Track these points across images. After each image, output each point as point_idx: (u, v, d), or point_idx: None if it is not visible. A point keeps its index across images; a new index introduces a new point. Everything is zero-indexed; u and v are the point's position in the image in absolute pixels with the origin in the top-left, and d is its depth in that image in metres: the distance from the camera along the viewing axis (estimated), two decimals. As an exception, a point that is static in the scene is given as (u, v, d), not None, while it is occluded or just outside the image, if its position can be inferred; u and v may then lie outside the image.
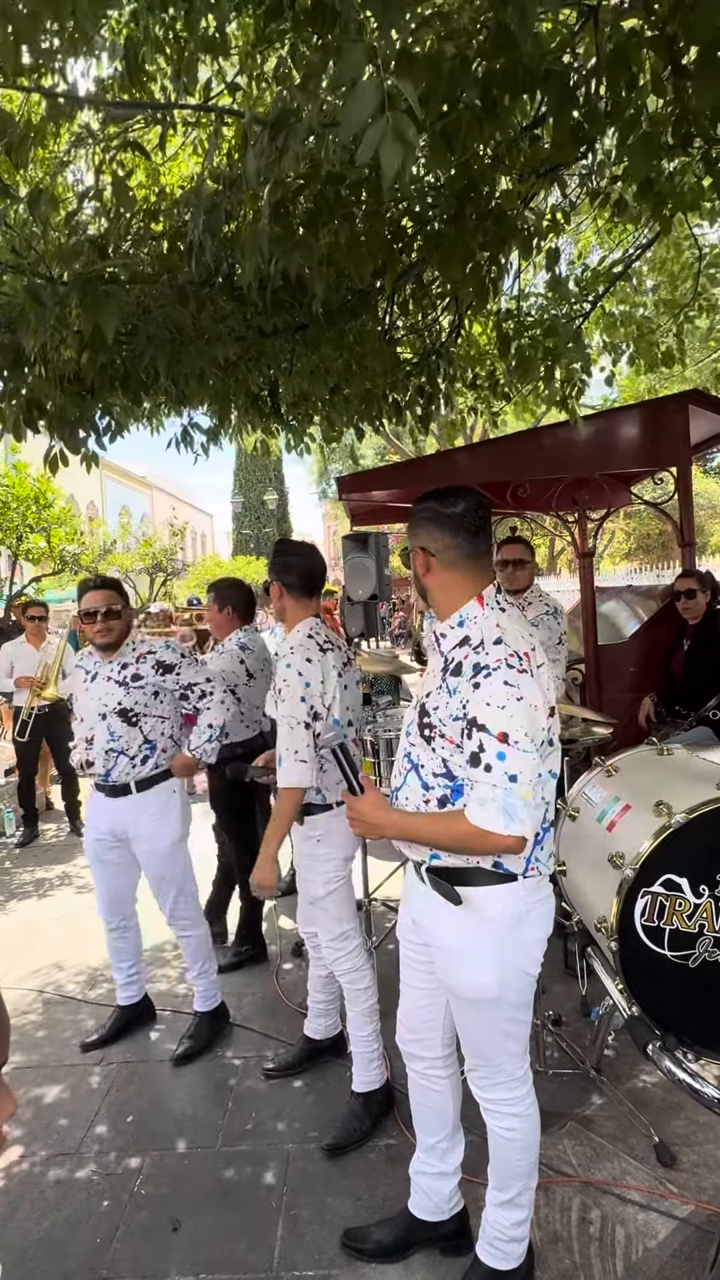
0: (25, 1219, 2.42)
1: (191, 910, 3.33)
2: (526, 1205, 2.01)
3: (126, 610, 3.24)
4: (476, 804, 1.69)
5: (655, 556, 22.66)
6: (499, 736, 1.67)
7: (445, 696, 1.79)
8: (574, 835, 2.83)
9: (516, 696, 1.69)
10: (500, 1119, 1.98)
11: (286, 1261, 2.21)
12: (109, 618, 3.13)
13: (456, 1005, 1.96)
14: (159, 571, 17.32)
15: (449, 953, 1.90)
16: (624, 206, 2.42)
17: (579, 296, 3.63)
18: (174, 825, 3.24)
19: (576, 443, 4.90)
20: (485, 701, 1.69)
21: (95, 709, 3.18)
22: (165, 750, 3.26)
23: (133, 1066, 3.20)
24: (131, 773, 3.17)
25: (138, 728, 3.17)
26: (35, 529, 7.92)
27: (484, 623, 1.82)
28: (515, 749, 1.67)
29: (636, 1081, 2.88)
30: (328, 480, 27.91)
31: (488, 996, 1.85)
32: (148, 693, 3.20)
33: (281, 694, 2.58)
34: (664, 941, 2.30)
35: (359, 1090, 2.75)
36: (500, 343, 3.14)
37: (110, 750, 3.15)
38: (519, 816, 1.66)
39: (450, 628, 1.87)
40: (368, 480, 6.22)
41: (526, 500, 5.57)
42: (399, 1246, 2.19)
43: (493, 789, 1.67)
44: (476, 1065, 1.98)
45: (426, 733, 1.84)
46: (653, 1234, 2.23)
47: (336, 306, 2.83)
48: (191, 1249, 2.27)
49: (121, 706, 3.16)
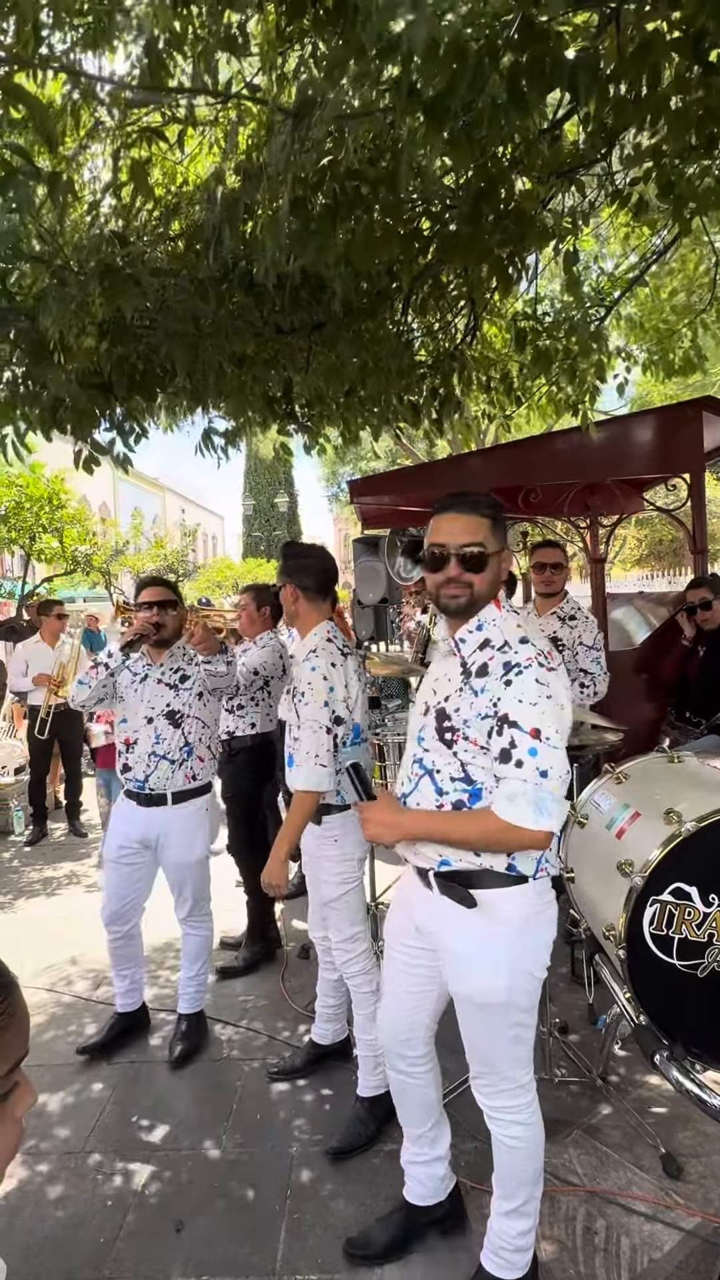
0: (29, 1218, 2.42)
1: (204, 913, 3.36)
2: (532, 1214, 2.00)
3: (180, 609, 3.26)
4: (506, 799, 1.71)
5: (666, 563, 22.55)
6: (531, 732, 1.70)
7: (470, 698, 1.81)
8: (582, 842, 2.82)
9: (547, 694, 1.73)
10: (505, 1126, 1.97)
11: (289, 1265, 2.20)
12: (165, 609, 3.17)
13: (464, 1011, 1.95)
14: (170, 572, 17.39)
15: (459, 957, 1.90)
16: (644, 207, 2.41)
17: (594, 300, 3.62)
18: (204, 839, 3.29)
19: (589, 448, 4.88)
20: (517, 699, 1.72)
21: (143, 712, 3.18)
22: (202, 759, 3.27)
23: (137, 1067, 3.20)
24: (169, 782, 3.18)
25: (181, 730, 3.19)
26: (48, 529, 7.96)
27: (504, 624, 1.85)
28: (546, 745, 1.70)
29: (644, 1091, 2.85)
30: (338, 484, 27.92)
31: (496, 1000, 1.85)
32: (194, 693, 3.24)
33: (304, 697, 2.58)
34: (673, 950, 2.28)
35: (364, 1095, 2.74)
36: (517, 341, 3.13)
37: (153, 754, 3.16)
38: (549, 811, 1.69)
39: (469, 632, 1.89)
40: (379, 484, 6.23)
41: (538, 505, 5.56)
42: (402, 1241, 2.22)
43: (523, 784, 1.69)
44: (481, 1073, 1.97)
45: (448, 736, 1.84)
46: (658, 1245, 2.21)
47: (354, 306, 2.83)
48: (194, 1250, 2.27)
49: (170, 709, 3.19)
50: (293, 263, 2.22)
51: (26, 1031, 0.75)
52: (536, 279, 3.21)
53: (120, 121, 2.23)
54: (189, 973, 3.35)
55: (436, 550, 1.86)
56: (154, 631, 3.15)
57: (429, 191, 2.35)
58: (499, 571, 1.89)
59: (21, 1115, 0.73)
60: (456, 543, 1.84)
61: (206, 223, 2.23)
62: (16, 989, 0.74)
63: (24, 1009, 0.74)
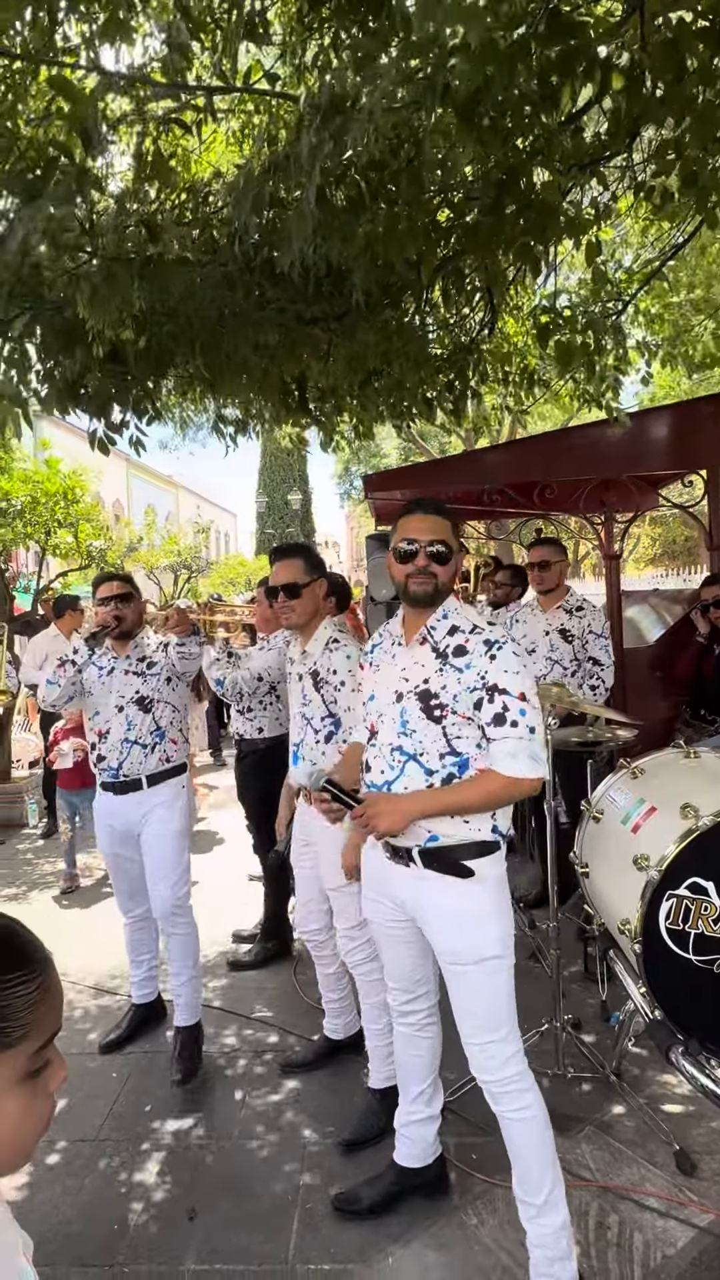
0: (43, 1204, 2.44)
1: (185, 908, 3.25)
2: (561, 1204, 2.02)
3: (136, 601, 3.32)
4: (507, 757, 1.95)
5: (680, 562, 22.45)
6: (519, 696, 1.96)
7: (455, 675, 2.01)
8: (598, 837, 2.81)
9: (523, 664, 2.01)
10: (516, 1097, 2.03)
11: (301, 1254, 2.21)
12: (122, 602, 3.23)
13: (461, 975, 2.03)
14: (184, 569, 17.44)
15: (451, 920, 2.03)
16: (667, 199, 2.40)
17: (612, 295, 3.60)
18: (181, 813, 3.29)
19: (605, 444, 4.85)
20: (503, 669, 1.98)
21: (113, 702, 3.23)
22: (175, 741, 3.30)
23: (150, 1057, 3.22)
24: (142, 766, 3.20)
25: (151, 715, 3.24)
26: (64, 524, 7.98)
27: (465, 612, 2.11)
28: (530, 705, 1.96)
29: (657, 1088, 2.84)
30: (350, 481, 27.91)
31: (492, 953, 2.00)
32: (161, 678, 3.29)
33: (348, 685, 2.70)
34: (689, 945, 2.27)
35: (376, 1087, 2.74)
36: (540, 336, 3.12)
37: (125, 740, 3.19)
38: (541, 760, 1.97)
39: (438, 620, 2.10)
40: (394, 479, 6.22)
41: (553, 501, 5.53)
42: (389, 1200, 2.33)
43: (519, 741, 1.94)
44: (487, 1043, 2.02)
45: (437, 713, 2.01)
46: (671, 1241, 2.20)
47: (376, 296, 2.83)
48: (207, 1238, 2.28)
49: (139, 695, 3.23)
50: (315, 253, 2.22)
51: (60, 1007, 0.75)
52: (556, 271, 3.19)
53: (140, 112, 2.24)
54: (180, 979, 3.18)
55: (407, 545, 2.08)
56: (114, 625, 3.22)
57: (449, 183, 2.34)
58: (457, 567, 2.15)
59: (54, 1090, 0.74)
60: (425, 539, 2.07)
61: (233, 216, 2.23)
62: (51, 965, 0.75)
63: (58, 985, 0.75)
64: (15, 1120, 0.70)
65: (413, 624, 2.15)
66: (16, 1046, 0.69)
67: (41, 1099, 0.72)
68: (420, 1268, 2.15)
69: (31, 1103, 0.71)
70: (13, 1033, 0.69)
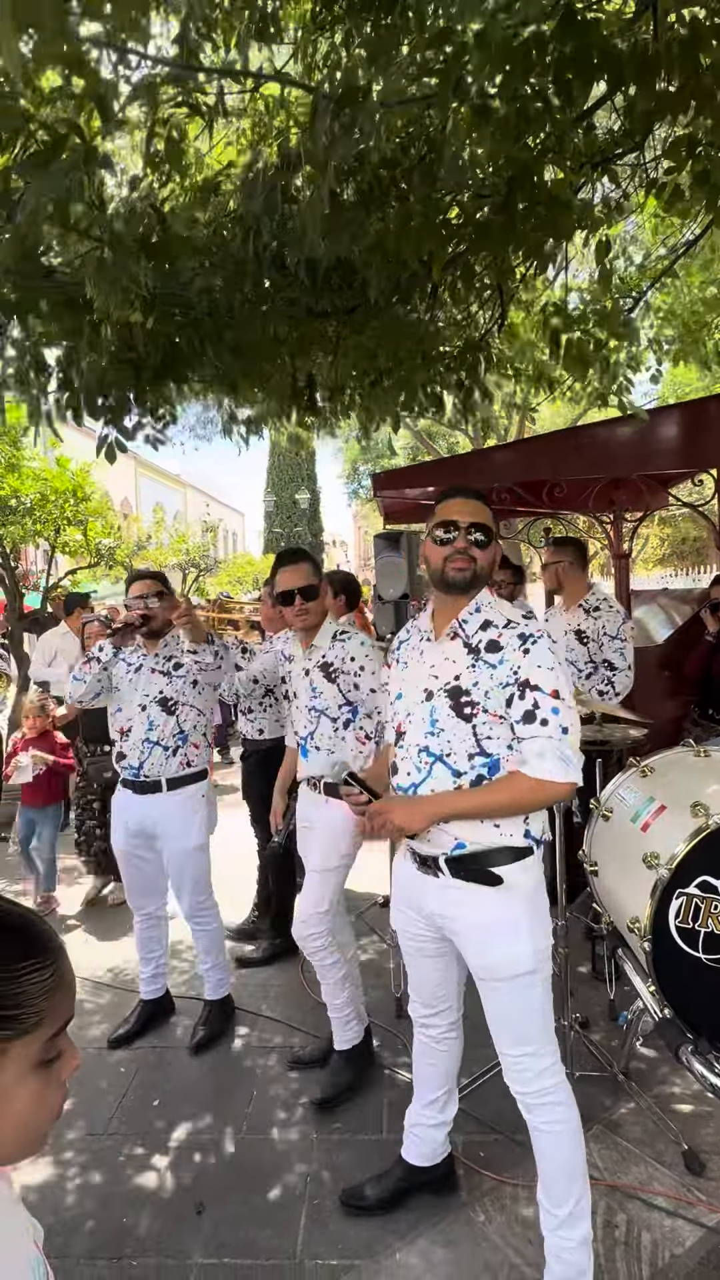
0: (52, 1197, 2.45)
1: (208, 906, 3.37)
2: (586, 1215, 1.98)
3: (168, 599, 3.30)
4: (535, 757, 1.83)
5: (689, 562, 22.34)
6: (552, 694, 1.84)
7: (488, 670, 1.91)
8: (607, 835, 2.80)
9: (559, 660, 1.89)
10: (549, 1110, 1.98)
11: (309, 1249, 2.21)
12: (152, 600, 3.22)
13: (494, 990, 1.96)
14: (192, 567, 17.49)
15: (483, 932, 1.95)
16: (679, 196, 2.39)
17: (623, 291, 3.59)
18: (201, 826, 3.30)
19: (614, 442, 4.83)
20: (537, 664, 1.87)
21: (137, 700, 3.23)
22: (197, 746, 3.30)
23: (159, 1052, 3.23)
24: (163, 767, 3.21)
25: (175, 717, 3.23)
26: (73, 522, 8.02)
27: (499, 606, 2.02)
28: (565, 704, 1.84)
29: (665, 1087, 2.84)
30: (358, 480, 27.88)
31: (525, 968, 1.92)
32: (187, 681, 3.27)
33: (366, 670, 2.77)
34: (698, 944, 2.27)
35: (340, 1048, 2.91)
36: (551, 340, 3.11)
37: (146, 740, 3.19)
38: (573, 764, 1.83)
39: (470, 614, 2.00)
40: (403, 477, 6.21)
41: (562, 500, 5.52)
42: (396, 1196, 2.33)
43: (549, 740, 1.82)
44: (521, 1056, 1.97)
45: (467, 711, 1.92)
46: (680, 1241, 2.20)
47: (386, 292, 2.83)
48: (215, 1232, 2.29)
49: (163, 695, 3.23)
50: (325, 249, 2.22)
51: (73, 997, 0.77)
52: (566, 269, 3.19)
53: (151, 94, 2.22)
54: (206, 965, 3.39)
55: (448, 526, 1.98)
56: (141, 623, 3.20)
57: (460, 180, 2.34)
58: (496, 556, 2.03)
59: (66, 1079, 0.75)
60: (466, 521, 1.97)
61: (246, 211, 2.24)
62: (64, 955, 0.76)
63: (71, 975, 0.76)
64: (29, 1107, 0.71)
65: (443, 616, 2.04)
66: (31, 1033, 0.70)
67: (54, 1087, 0.74)
68: (427, 1264, 2.15)
69: (45, 1090, 0.72)
70: (27, 1019, 0.70)
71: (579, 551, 4.25)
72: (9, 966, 0.70)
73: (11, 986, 0.70)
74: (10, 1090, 0.70)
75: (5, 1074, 0.69)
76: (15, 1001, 0.69)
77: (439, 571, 1.99)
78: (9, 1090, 0.69)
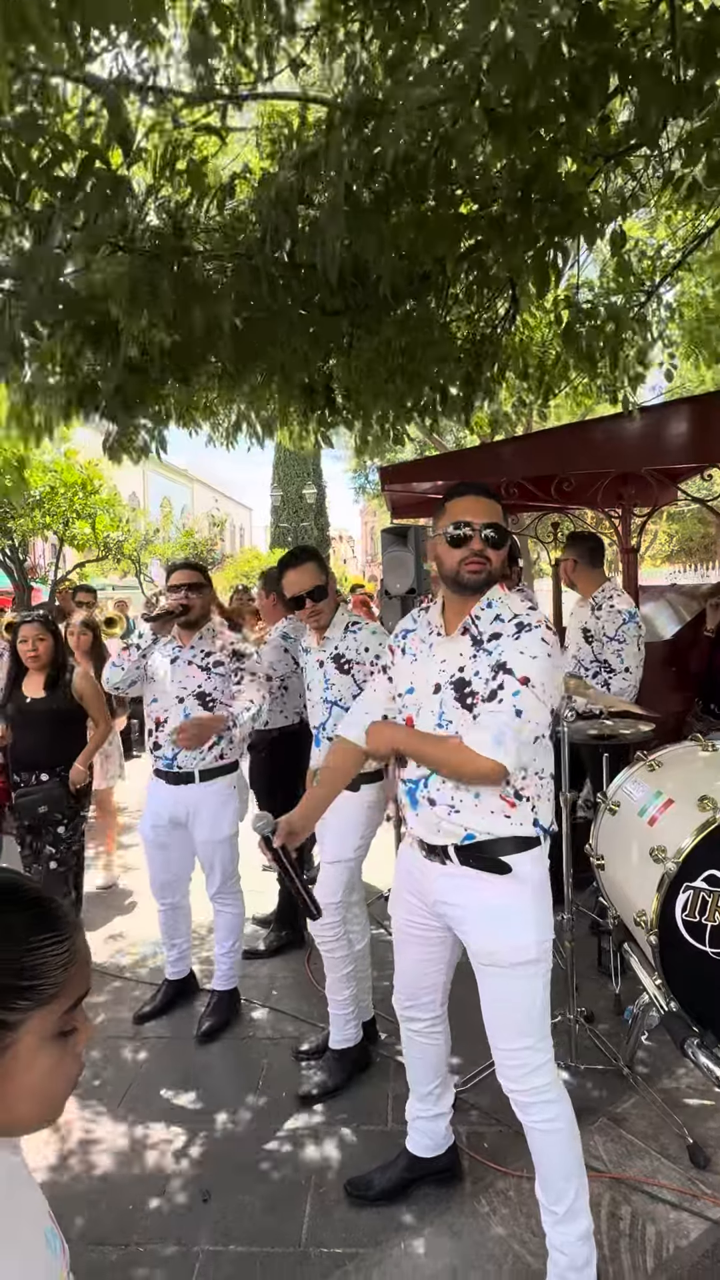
0: (58, 1184, 2.47)
1: (234, 890, 3.42)
2: (585, 1211, 1.98)
3: (207, 591, 3.33)
4: (475, 728, 1.84)
5: (697, 559, 22.29)
6: (521, 679, 1.83)
7: (485, 658, 1.92)
8: (614, 829, 2.80)
9: (547, 653, 1.87)
10: (542, 1109, 1.97)
11: (314, 1238, 2.23)
12: (192, 590, 3.24)
13: (495, 979, 1.97)
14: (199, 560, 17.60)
15: (489, 921, 1.96)
16: (695, 190, 2.37)
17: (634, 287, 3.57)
18: (233, 816, 3.34)
19: (624, 437, 4.81)
20: (519, 650, 1.86)
21: (174, 692, 3.25)
22: (232, 741, 3.33)
23: (166, 1042, 3.25)
24: (198, 761, 3.24)
25: (211, 713, 3.25)
26: (82, 514, 8.05)
27: (510, 601, 2.01)
28: (531, 691, 1.82)
29: (670, 1081, 2.84)
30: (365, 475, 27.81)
31: (529, 957, 1.93)
32: (227, 680, 3.31)
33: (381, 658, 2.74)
34: (705, 938, 2.27)
35: (335, 1047, 2.90)
36: (565, 335, 3.09)
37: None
38: (505, 746, 1.79)
39: (482, 609, 2.00)
40: (411, 471, 6.19)
41: (571, 494, 5.51)
42: (400, 1187, 2.35)
43: (493, 716, 1.81)
44: (519, 1049, 1.97)
45: (469, 701, 1.93)
46: (684, 1233, 2.20)
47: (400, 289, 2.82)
48: (221, 1220, 2.30)
49: (202, 690, 3.25)
50: (339, 247, 2.21)
51: (89, 972, 0.80)
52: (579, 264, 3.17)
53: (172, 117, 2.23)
54: (222, 949, 3.42)
55: (461, 529, 1.94)
56: (181, 612, 3.21)
57: (474, 177, 2.33)
58: (507, 553, 2.02)
59: (81, 1051, 0.78)
60: (480, 521, 1.94)
61: (266, 218, 2.23)
62: (80, 931, 0.79)
63: (87, 951, 0.79)
64: (47, 1076, 0.74)
65: (455, 613, 2.04)
66: (49, 1005, 0.73)
67: (70, 1059, 0.76)
68: (432, 1253, 2.16)
69: (62, 1060, 0.75)
70: (45, 990, 0.73)
71: (591, 548, 4.17)
72: (28, 939, 0.73)
73: (31, 958, 0.72)
74: (29, 1060, 0.72)
75: (24, 1044, 0.72)
76: (35, 973, 0.72)
77: (453, 573, 1.97)
78: (28, 1059, 0.72)
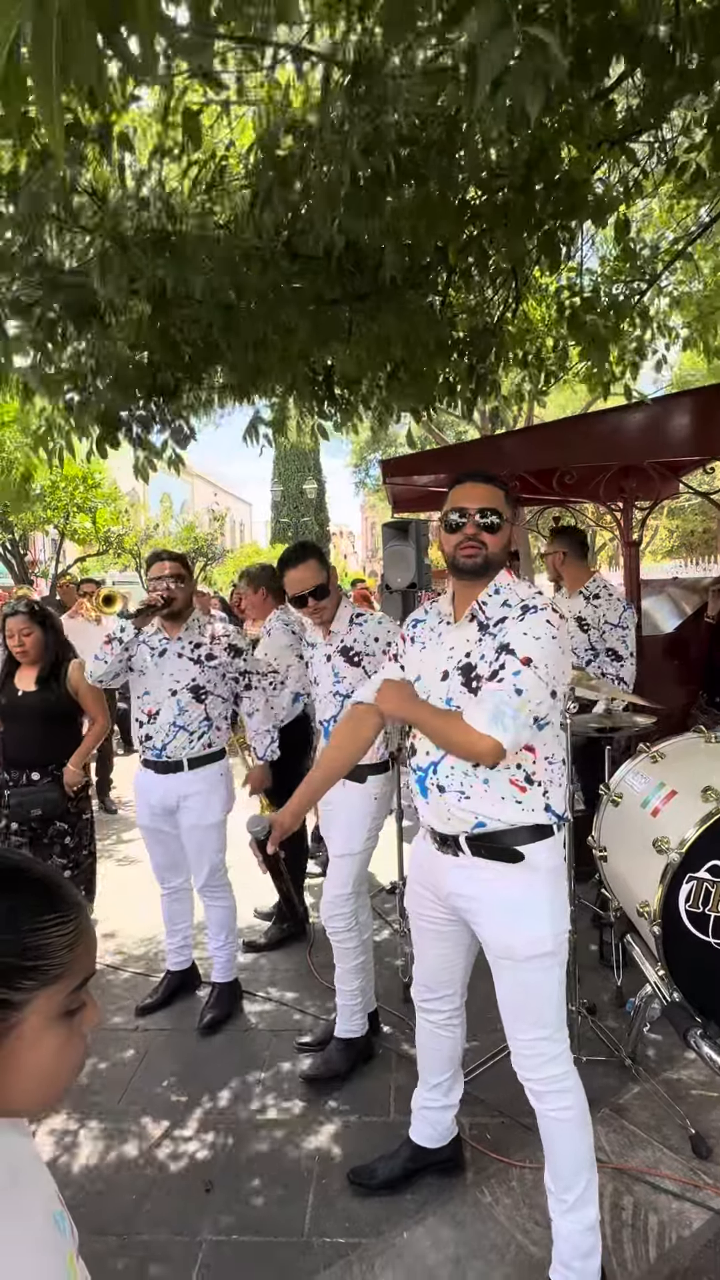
0: (61, 1176, 2.47)
1: (221, 883, 3.41)
2: (593, 1201, 1.98)
3: (189, 582, 3.30)
4: (475, 704, 1.84)
5: (699, 554, 22.27)
6: (523, 660, 1.82)
7: (490, 642, 1.93)
8: (616, 821, 2.80)
9: (551, 635, 1.86)
10: (557, 1098, 1.98)
11: (317, 1228, 2.23)
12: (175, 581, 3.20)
13: (510, 971, 1.96)
14: (199, 556, 17.56)
15: (504, 912, 1.95)
16: (699, 176, 2.35)
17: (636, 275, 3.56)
18: (221, 803, 3.34)
19: (626, 429, 4.79)
20: (523, 632, 1.86)
21: (166, 685, 3.23)
22: (220, 730, 3.33)
23: (168, 1034, 3.25)
24: (187, 750, 3.24)
25: (204, 705, 3.25)
26: (83, 508, 8.04)
27: (517, 588, 2.02)
28: (533, 672, 1.81)
29: (673, 1073, 2.84)
30: (366, 469, 27.79)
31: (544, 949, 1.92)
32: (219, 673, 3.30)
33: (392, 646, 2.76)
34: (708, 928, 2.27)
35: (341, 1036, 2.91)
36: (570, 323, 3.07)
37: (173, 725, 3.21)
38: (504, 724, 1.77)
39: (489, 595, 2.01)
40: (412, 464, 6.17)
41: (572, 487, 5.49)
42: (403, 1176, 2.36)
43: (493, 694, 1.81)
44: (536, 1040, 1.97)
45: (475, 685, 1.92)
46: (686, 1223, 2.20)
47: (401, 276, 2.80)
48: (224, 1211, 2.30)
49: (195, 683, 3.24)
50: (340, 231, 2.19)
51: (94, 953, 0.79)
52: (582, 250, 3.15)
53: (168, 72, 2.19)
54: (216, 943, 3.42)
55: (457, 513, 1.98)
56: (165, 604, 3.17)
57: (477, 161, 2.31)
58: (509, 539, 2.02)
59: (86, 1031, 0.78)
60: (475, 506, 1.96)
61: (258, 186, 2.21)
62: (85, 911, 0.78)
63: (92, 931, 0.79)
64: (53, 1056, 0.74)
65: (463, 600, 2.05)
66: (54, 985, 0.73)
67: (76, 1040, 0.76)
68: (435, 1243, 2.17)
69: (67, 1041, 0.75)
70: (51, 970, 0.73)
71: (576, 541, 4.27)
72: (34, 919, 0.72)
73: (37, 938, 0.72)
74: (35, 1039, 0.72)
75: (30, 1023, 0.72)
76: (40, 953, 0.72)
77: (451, 558, 2.00)
78: (34, 1039, 0.72)
